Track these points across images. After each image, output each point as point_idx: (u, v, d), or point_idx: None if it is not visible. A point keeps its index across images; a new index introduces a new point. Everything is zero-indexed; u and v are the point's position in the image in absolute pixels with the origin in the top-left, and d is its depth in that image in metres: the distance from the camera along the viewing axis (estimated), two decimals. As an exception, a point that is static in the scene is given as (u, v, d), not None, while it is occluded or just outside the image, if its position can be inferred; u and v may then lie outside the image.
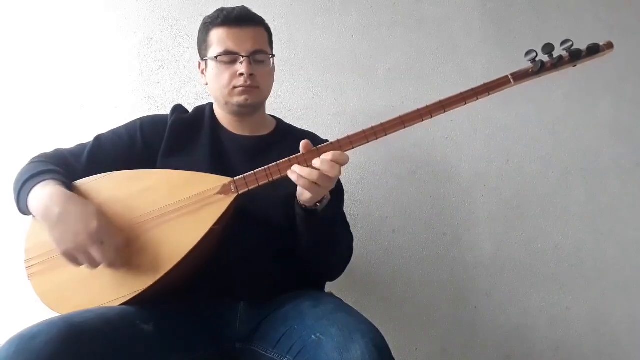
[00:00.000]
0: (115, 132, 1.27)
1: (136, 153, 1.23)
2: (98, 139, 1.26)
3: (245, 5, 1.28)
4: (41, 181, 1.08)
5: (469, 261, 1.76)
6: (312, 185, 1.03)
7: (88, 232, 1.01)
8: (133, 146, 1.24)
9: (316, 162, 1.03)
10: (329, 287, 1.36)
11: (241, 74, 1.20)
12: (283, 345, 1.04)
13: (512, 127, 1.80)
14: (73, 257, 1.02)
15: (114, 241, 1.03)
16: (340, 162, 1.04)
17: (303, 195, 1.08)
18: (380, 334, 0.96)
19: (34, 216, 1.09)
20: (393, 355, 0.94)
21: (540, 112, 1.81)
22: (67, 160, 1.19)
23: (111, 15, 1.71)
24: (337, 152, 1.04)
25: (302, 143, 1.07)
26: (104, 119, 1.66)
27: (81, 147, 1.24)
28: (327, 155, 1.04)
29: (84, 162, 1.20)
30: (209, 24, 1.25)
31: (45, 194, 1.05)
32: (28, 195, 1.08)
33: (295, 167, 1.04)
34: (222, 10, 1.25)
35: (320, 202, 1.10)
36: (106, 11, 1.71)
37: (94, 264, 1.03)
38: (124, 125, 1.29)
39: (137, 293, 1.04)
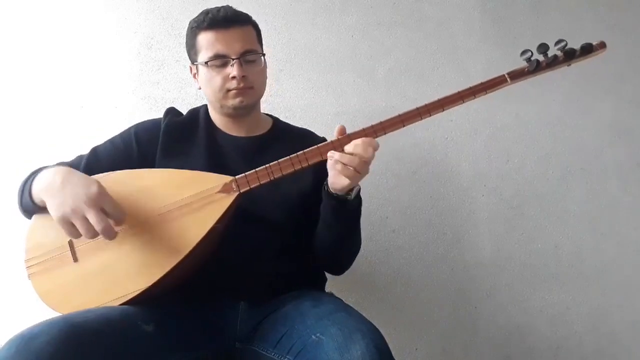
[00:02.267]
0: (111, 142, 1.27)
1: (133, 161, 1.22)
2: (94, 150, 1.26)
3: (230, 5, 1.25)
4: (44, 168, 1.11)
5: (469, 261, 1.76)
6: (349, 170, 1.04)
7: (87, 195, 0.99)
8: (129, 155, 1.24)
9: (349, 148, 1.05)
10: (329, 287, 1.36)
11: (233, 77, 1.19)
12: (283, 345, 1.05)
13: (512, 127, 1.80)
14: (69, 222, 0.99)
15: (114, 208, 1.01)
16: (373, 147, 1.06)
17: (337, 183, 1.08)
18: (381, 334, 0.97)
19: (34, 209, 1.09)
20: (393, 355, 0.95)
21: (540, 112, 1.81)
22: None
23: (111, 16, 1.71)
24: (367, 138, 1.07)
25: (338, 128, 1.10)
26: (104, 119, 1.66)
27: (79, 158, 1.25)
28: (358, 141, 1.06)
29: None
30: (195, 28, 1.22)
31: (49, 172, 1.07)
32: (32, 183, 1.09)
33: (332, 153, 1.06)
34: (206, 12, 1.22)
35: (350, 191, 1.11)
36: (106, 11, 1.71)
37: (90, 231, 0.99)
38: (119, 135, 1.28)
39: (137, 292, 1.04)
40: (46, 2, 1.69)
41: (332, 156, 1.06)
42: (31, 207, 1.10)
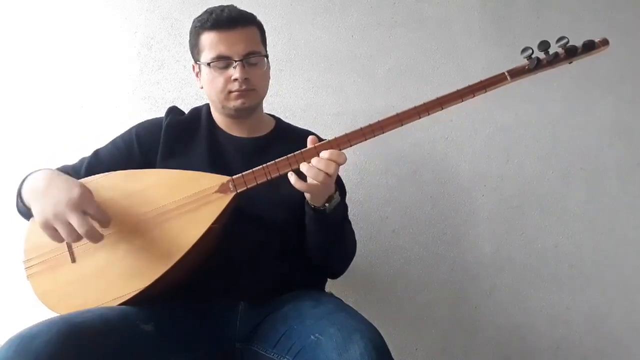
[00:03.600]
0: (112, 144, 1.27)
1: (134, 162, 1.22)
2: (96, 153, 1.26)
3: (235, 5, 1.24)
4: (36, 171, 1.11)
5: (469, 261, 1.76)
6: (309, 184, 1.04)
7: (68, 199, 0.99)
8: (130, 156, 1.23)
9: (312, 161, 1.05)
10: (329, 287, 1.36)
11: (235, 79, 1.19)
12: (283, 345, 1.05)
13: (512, 127, 1.80)
14: (52, 227, 0.99)
15: (96, 211, 1.01)
16: (338, 161, 1.05)
17: (306, 194, 1.08)
18: (380, 334, 0.97)
19: (28, 211, 1.09)
20: (393, 355, 0.95)
21: (540, 112, 1.81)
22: (67, 173, 1.19)
23: (111, 16, 1.71)
24: (335, 151, 1.05)
25: (309, 138, 1.09)
26: (104, 119, 1.66)
27: (81, 161, 1.25)
28: (324, 154, 1.05)
29: (82, 176, 1.18)
30: (199, 28, 1.21)
31: (37, 176, 1.08)
32: (22, 185, 1.10)
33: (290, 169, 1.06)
34: (210, 12, 1.21)
35: (328, 202, 1.10)
36: (106, 11, 1.71)
37: (72, 234, 0.98)
38: (121, 136, 1.28)
39: (136, 292, 1.04)
40: (46, 2, 1.69)
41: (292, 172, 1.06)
42: (26, 212, 1.11)
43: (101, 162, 1.23)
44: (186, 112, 1.34)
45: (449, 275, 1.75)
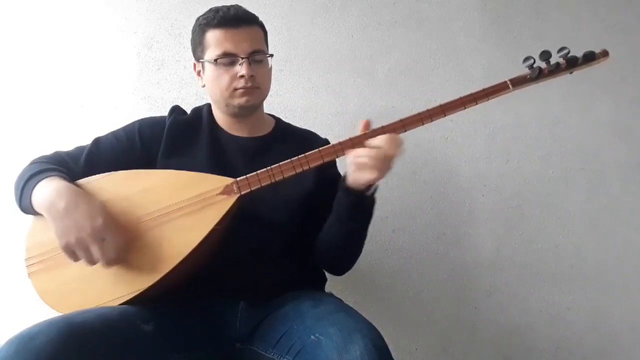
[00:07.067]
0: (114, 135, 1.26)
1: (135, 156, 1.22)
2: (96, 142, 1.25)
3: (240, 5, 1.25)
4: (46, 177, 1.09)
5: (469, 261, 1.76)
6: (378, 163, 1.05)
7: (92, 228, 1.01)
8: (131, 149, 1.23)
9: (376, 142, 1.05)
10: (329, 287, 1.36)
11: (242, 76, 1.19)
12: (283, 345, 1.05)
13: (512, 127, 1.80)
14: (72, 251, 1.02)
15: (116, 240, 1.03)
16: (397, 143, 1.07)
17: (361, 178, 1.07)
18: (380, 334, 0.97)
19: (35, 213, 1.09)
20: (393, 355, 0.94)
21: (540, 112, 1.81)
22: (66, 163, 1.19)
23: (111, 15, 1.71)
24: (393, 135, 1.07)
25: (363, 122, 1.09)
26: (104, 119, 1.66)
27: (79, 149, 1.24)
28: (385, 137, 1.06)
29: (81, 165, 1.19)
30: (204, 25, 1.22)
31: (51, 188, 1.06)
32: (32, 190, 1.08)
33: (360, 150, 1.06)
34: (216, 10, 1.22)
35: (369, 187, 1.11)
36: (106, 11, 1.71)
37: (91, 262, 1.02)
38: (123, 128, 1.28)
39: (137, 292, 1.04)
40: (46, 2, 1.69)
41: (361, 154, 1.05)
42: (32, 212, 1.10)
43: (101, 151, 1.23)
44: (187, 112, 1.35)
45: (449, 275, 1.75)
